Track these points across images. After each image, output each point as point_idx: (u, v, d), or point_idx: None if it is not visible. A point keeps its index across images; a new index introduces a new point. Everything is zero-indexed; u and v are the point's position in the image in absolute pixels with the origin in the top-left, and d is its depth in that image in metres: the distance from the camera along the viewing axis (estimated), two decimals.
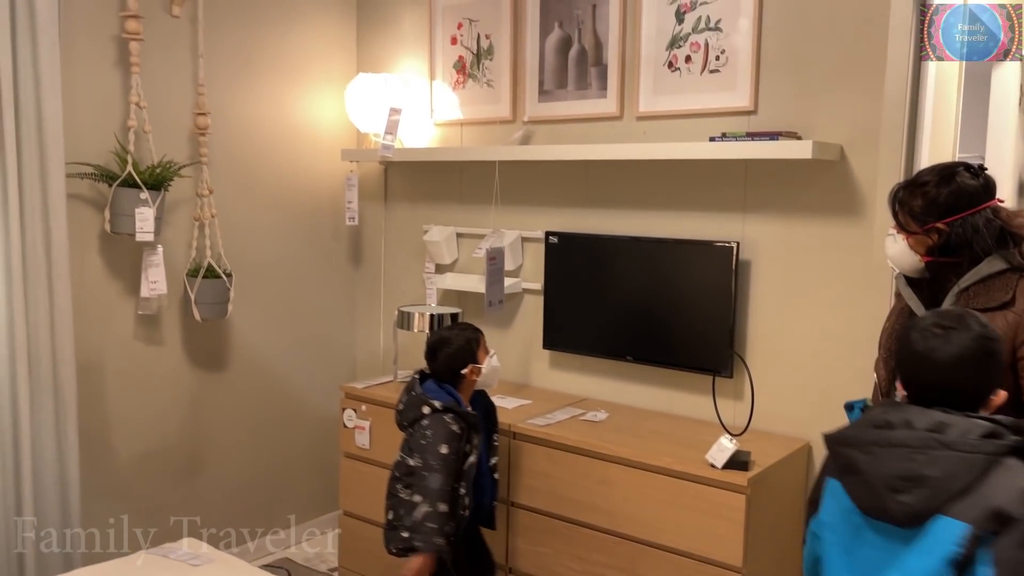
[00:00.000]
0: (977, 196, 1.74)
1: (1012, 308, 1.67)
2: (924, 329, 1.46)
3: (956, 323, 1.45)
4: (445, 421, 2.30)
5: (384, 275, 3.64)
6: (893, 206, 1.83)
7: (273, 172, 3.33)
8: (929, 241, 1.77)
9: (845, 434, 1.49)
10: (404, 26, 3.46)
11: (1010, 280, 1.70)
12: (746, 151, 2.45)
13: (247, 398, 3.33)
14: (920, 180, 1.79)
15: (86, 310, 2.76)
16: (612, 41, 2.87)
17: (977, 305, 1.70)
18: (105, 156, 2.77)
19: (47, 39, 2.48)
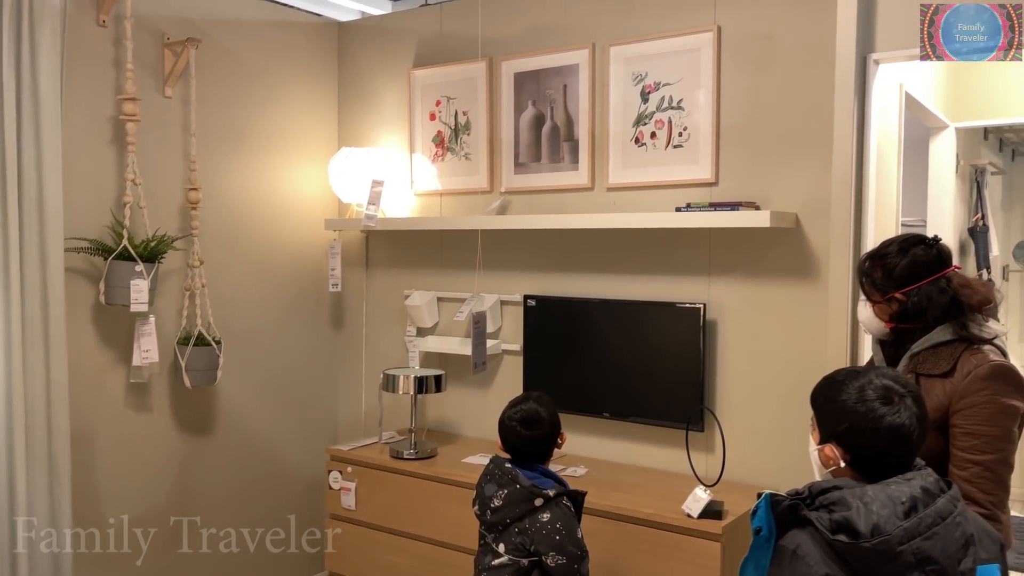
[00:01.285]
0: (930, 267, 1.85)
1: (951, 378, 1.78)
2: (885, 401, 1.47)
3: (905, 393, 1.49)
4: (564, 506, 2.12)
5: (365, 339, 3.76)
6: (860, 276, 1.97)
7: (260, 242, 3.46)
8: (891, 309, 1.89)
9: (900, 534, 1.36)
10: (384, 102, 3.66)
11: (955, 350, 1.81)
12: (709, 220, 2.66)
13: (234, 462, 3.40)
14: (880, 252, 1.92)
15: (79, 380, 2.83)
16: (582, 118, 3.09)
17: (923, 371, 1.82)
18: (100, 230, 2.88)
19: (50, 123, 2.61)
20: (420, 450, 3.15)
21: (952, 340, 1.82)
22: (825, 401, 1.56)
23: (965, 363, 1.78)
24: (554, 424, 2.22)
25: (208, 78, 3.21)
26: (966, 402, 1.76)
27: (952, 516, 1.40)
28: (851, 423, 1.48)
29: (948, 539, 1.39)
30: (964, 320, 1.82)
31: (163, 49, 3.07)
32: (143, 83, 2.99)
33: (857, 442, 1.48)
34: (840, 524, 1.38)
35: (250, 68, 3.40)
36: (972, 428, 1.75)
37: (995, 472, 1.74)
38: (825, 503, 1.43)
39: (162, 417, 3.15)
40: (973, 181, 4.10)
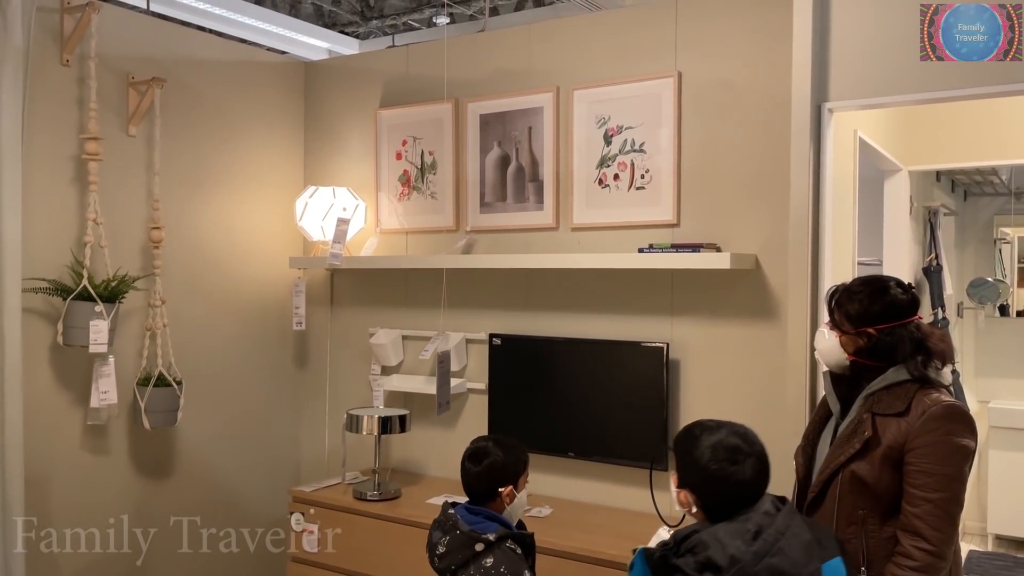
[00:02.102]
0: (905, 310, 1.92)
1: (906, 417, 1.85)
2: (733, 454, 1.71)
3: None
4: (508, 549, 2.05)
5: (329, 378, 3.74)
6: (831, 304, 2.00)
7: (224, 281, 3.44)
8: (859, 343, 1.93)
9: (751, 558, 1.59)
10: (350, 142, 3.68)
11: (909, 390, 1.87)
12: (671, 262, 2.70)
13: (194, 504, 3.33)
14: (856, 288, 1.97)
15: (35, 422, 2.77)
16: (547, 160, 3.14)
17: (879, 410, 1.89)
18: (60, 270, 2.84)
19: (10, 162, 2.59)
20: (384, 491, 3.12)
21: (907, 380, 1.88)
22: (682, 453, 1.77)
23: (919, 403, 1.84)
24: (506, 463, 2.14)
25: (173, 117, 3.21)
26: (921, 441, 1.81)
27: (790, 529, 1.64)
28: (701, 478, 1.71)
29: (793, 550, 1.62)
30: (924, 362, 1.88)
31: (127, 88, 3.06)
32: (107, 122, 2.98)
33: (706, 494, 1.71)
34: (704, 564, 1.60)
35: (216, 107, 3.40)
36: (926, 467, 1.81)
37: (946, 510, 1.80)
38: (689, 548, 1.64)
39: (120, 459, 3.08)
40: (927, 222, 4.22)
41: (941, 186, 4.76)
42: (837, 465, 1.91)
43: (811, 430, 2.07)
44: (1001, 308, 5.38)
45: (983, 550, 5.18)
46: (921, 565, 1.79)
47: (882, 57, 2.43)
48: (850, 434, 1.91)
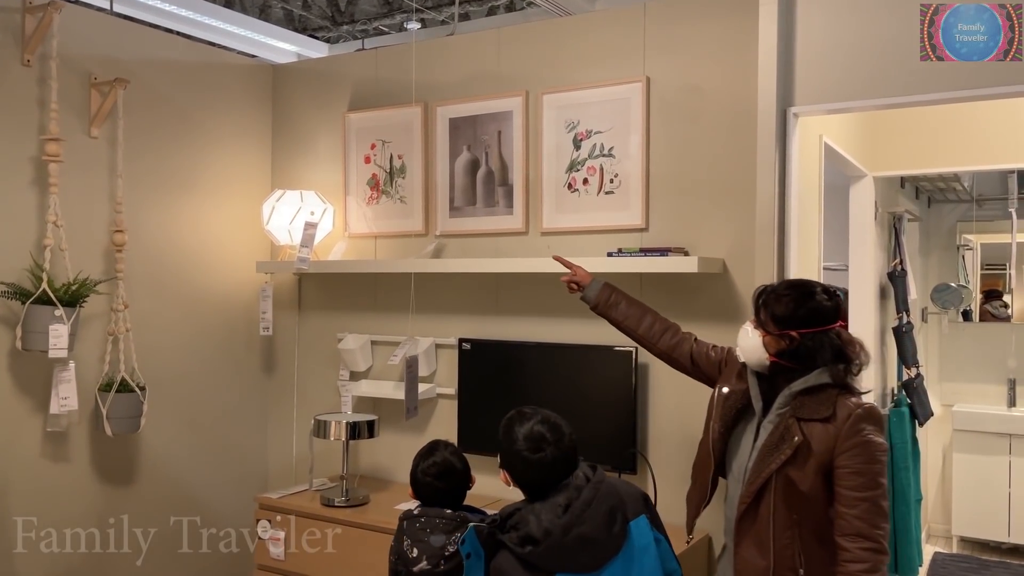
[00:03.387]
0: (829, 316, 1.97)
1: (832, 422, 1.90)
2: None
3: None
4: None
5: (297, 383, 3.69)
6: (757, 304, 2.05)
7: (188, 285, 3.39)
8: (782, 344, 1.97)
9: (559, 531, 1.90)
10: (319, 145, 3.65)
11: (831, 395, 1.93)
12: (640, 265, 2.71)
13: (158, 512, 3.27)
14: (783, 290, 2.02)
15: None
16: (516, 164, 3.13)
17: (803, 415, 1.93)
18: (19, 273, 2.78)
19: None
20: (352, 497, 3.09)
21: (828, 384, 1.94)
22: (502, 437, 2.07)
23: (843, 408, 1.91)
24: (467, 470, 2.28)
25: (137, 119, 3.16)
26: (849, 443, 1.89)
27: (595, 499, 1.93)
28: (513, 461, 2.02)
29: (596, 518, 1.91)
30: (846, 368, 1.95)
31: (90, 89, 3.01)
32: (68, 124, 2.92)
33: (517, 474, 2.02)
34: (524, 538, 1.90)
35: (181, 109, 3.35)
36: (858, 467, 1.88)
37: (880, 505, 1.89)
38: (512, 524, 1.95)
39: (81, 467, 3.02)
40: (891, 227, 4.28)
41: (906, 192, 4.84)
42: (769, 473, 1.94)
43: (727, 419, 2.09)
44: (964, 313, 5.48)
45: (948, 552, 5.25)
46: (870, 565, 1.85)
47: (847, 62, 2.46)
48: (778, 440, 1.94)
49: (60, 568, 2.65)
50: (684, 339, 2.35)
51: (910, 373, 4.18)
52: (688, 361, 2.33)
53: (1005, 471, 5.08)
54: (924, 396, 4.22)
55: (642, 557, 1.99)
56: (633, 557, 1.97)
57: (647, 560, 2.00)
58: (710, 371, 2.28)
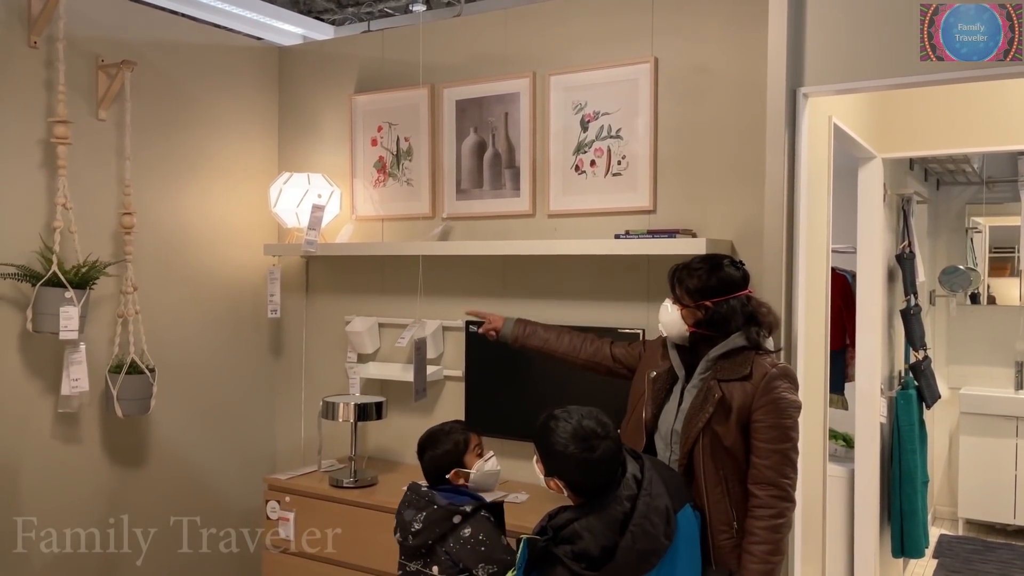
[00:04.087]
0: (737, 284, 2.16)
1: (750, 380, 2.08)
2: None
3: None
4: (484, 518, 2.18)
5: (305, 366, 3.71)
6: (672, 281, 2.22)
7: (197, 268, 3.40)
8: (698, 315, 2.15)
9: (625, 552, 1.85)
10: (325, 128, 3.64)
11: (748, 356, 2.11)
12: (647, 247, 2.71)
13: (168, 493, 3.30)
14: (695, 265, 2.19)
15: (4, 410, 2.73)
16: (523, 146, 3.12)
17: (723, 376, 2.10)
18: (29, 256, 2.79)
19: None
20: (360, 478, 3.11)
21: (744, 347, 2.12)
22: (544, 444, 1.96)
23: (759, 367, 2.09)
24: (444, 453, 2.32)
25: (144, 101, 3.16)
26: (765, 399, 2.06)
27: (651, 506, 1.87)
28: (565, 466, 1.92)
29: (654, 529, 1.85)
30: (758, 331, 2.13)
31: (97, 71, 3.01)
32: (76, 106, 2.92)
33: (571, 478, 1.93)
34: (579, 554, 1.83)
35: (188, 92, 3.35)
36: (773, 422, 2.06)
37: (790, 458, 2.08)
38: (564, 538, 1.86)
39: (92, 448, 3.04)
40: (900, 209, 4.26)
41: (914, 174, 4.81)
42: (697, 432, 2.10)
43: (659, 399, 2.25)
44: (972, 296, 5.46)
45: (954, 534, 5.26)
46: (777, 511, 2.04)
47: (858, 41, 2.44)
48: (702, 401, 2.11)
49: (60, 568, 2.63)
50: (602, 343, 2.56)
51: (917, 356, 4.17)
52: (611, 360, 2.51)
53: (1012, 454, 5.09)
54: (932, 379, 4.22)
55: (688, 547, 1.99)
56: (679, 548, 1.95)
57: (692, 549, 2.02)
58: (631, 363, 2.46)
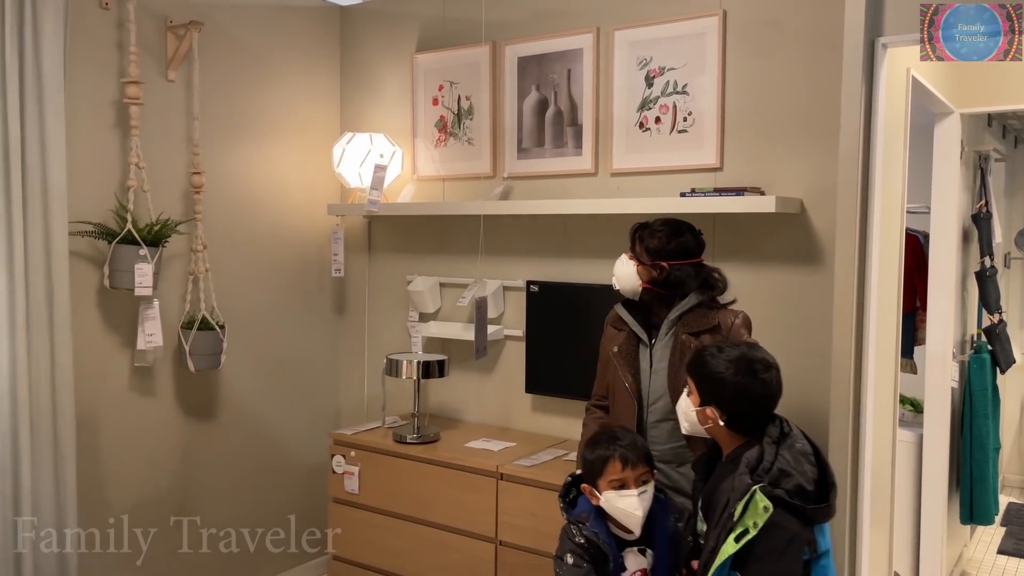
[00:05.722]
0: (692, 252, 2.29)
1: (720, 331, 2.24)
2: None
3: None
4: (568, 530, 2.09)
5: (368, 324, 3.76)
6: (633, 237, 2.32)
7: (263, 227, 3.46)
8: (653, 274, 2.27)
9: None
10: (386, 87, 3.64)
11: (710, 311, 2.27)
12: (715, 205, 2.65)
13: (237, 446, 3.41)
14: (657, 227, 2.30)
15: (84, 364, 2.83)
16: (586, 103, 3.08)
17: (692, 329, 2.24)
18: (104, 214, 2.87)
19: (54, 106, 2.60)
20: (423, 434, 3.16)
21: (700, 304, 2.27)
22: (707, 373, 1.92)
23: (724, 317, 2.26)
24: (587, 461, 2.13)
25: (210, 62, 3.20)
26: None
27: (816, 447, 1.87)
28: (731, 393, 1.87)
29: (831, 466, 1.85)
30: (712, 294, 2.29)
31: (166, 32, 3.05)
32: (146, 67, 2.97)
33: (735, 407, 1.88)
34: (794, 491, 1.76)
35: (252, 52, 3.38)
36: None
37: None
38: (772, 480, 1.77)
39: (166, 401, 3.15)
40: (977, 168, 4.08)
41: (992, 131, 4.59)
42: (683, 385, 2.12)
43: (633, 365, 2.34)
44: None
45: (1023, 502, 5.13)
46: None
47: None
48: (680, 356, 2.22)
49: (60, 568, 2.64)
50: (592, 410, 2.54)
51: (992, 319, 4.03)
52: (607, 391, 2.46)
53: None
54: (1006, 343, 4.07)
55: None
56: None
57: None
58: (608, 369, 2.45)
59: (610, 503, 2.03)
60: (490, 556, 2.88)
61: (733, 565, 1.75)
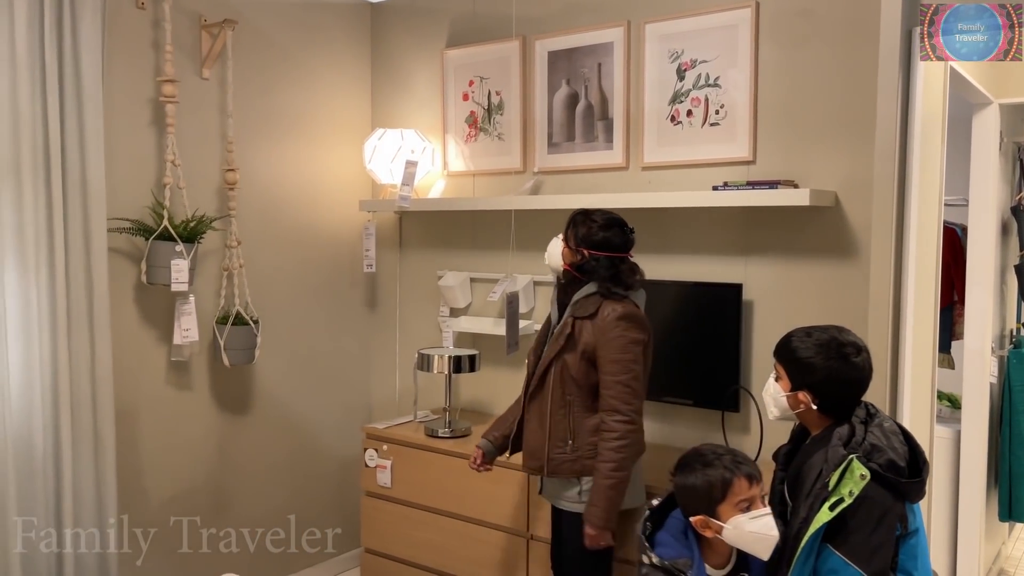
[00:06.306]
0: (616, 247, 2.41)
1: (595, 320, 2.36)
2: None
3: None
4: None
5: (399, 319, 3.79)
6: (569, 222, 2.46)
7: (296, 223, 3.49)
8: (575, 258, 2.43)
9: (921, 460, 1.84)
10: (417, 84, 3.65)
11: (598, 300, 2.38)
12: (747, 199, 2.63)
13: (271, 440, 3.45)
14: (594, 217, 2.43)
15: (122, 358, 2.89)
16: (617, 97, 3.07)
17: (579, 314, 2.39)
18: (141, 211, 2.92)
19: (92, 105, 2.65)
20: (455, 429, 3.17)
21: (594, 293, 2.40)
22: (796, 358, 1.90)
23: (604, 309, 2.36)
24: (694, 487, 1.88)
25: (244, 60, 3.24)
26: (606, 337, 2.33)
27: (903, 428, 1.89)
28: (824, 376, 1.85)
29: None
30: (609, 286, 2.39)
31: (200, 31, 3.09)
32: (181, 65, 3.02)
33: (827, 391, 1.86)
34: (887, 465, 1.76)
35: (285, 49, 3.41)
36: (614, 356, 2.33)
37: (632, 388, 2.34)
38: (865, 454, 1.77)
39: (202, 395, 3.20)
40: (1016, 159, 4.00)
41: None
42: (550, 358, 2.42)
43: (541, 336, 2.58)
44: None
45: None
46: (620, 434, 2.31)
47: None
48: (559, 334, 2.42)
49: (61, 568, 2.64)
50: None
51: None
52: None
53: None
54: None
55: None
56: None
57: None
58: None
59: (740, 528, 1.77)
60: (522, 550, 2.89)
61: (824, 538, 1.75)
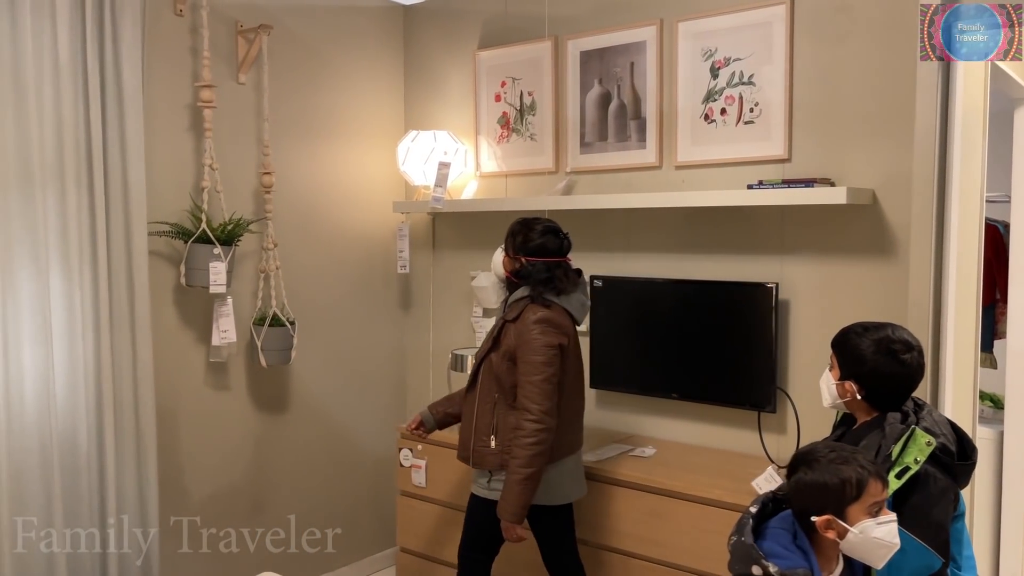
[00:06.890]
0: (551, 253, 2.54)
1: (516, 323, 2.49)
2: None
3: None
4: None
5: (433, 319, 3.81)
6: (509, 233, 2.60)
7: (330, 225, 3.53)
8: (514, 265, 2.58)
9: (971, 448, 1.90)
10: (450, 85, 3.67)
11: (524, 304, 2.51)
12: (784, 198, 2.60)
13: (307, 439, 3.49)
14: (533, 225, 2.57)
15: (163, 359, 2.94)
16: (650, 96, 3.05)
17: (508, 317, 2.53)
18: (180, 214, 2.97)
19: (133, 110, 2.71)
20: None
21: (525, 297, 2.53)
22: (848, 349, 1.95)
23: (527, 312, 2.49)
24: (818, 485, 1.68)
25: (279, 64, 3.28)
26: (523, 339, 2.46)
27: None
28: (870, 369, 1.90)
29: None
30: (541, 290, 2.51)
31: (236, 36, 3.14)
32: (218, 70, 3.06)
33: (875, 383, 1.91)
34: (940, 449, 1.81)
35: (319, 53, 3.45)
36: (528, 358, 2.45)
37: (543, 389, 2.43)
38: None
39: (240, 395, 3.25)
40: None
41: None
42: (480, 358, 2.61)
43: (486, 346, 2.65)
44: None
45: None
46: (528, 432, 2.41)
47: None
48: (489, 334, 2.60)
49: (61, 567, 2.61)
50: None
51: None
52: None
53: None
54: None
55: None
56: None
57: None
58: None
59: (866, 534, 1.62)
60: None
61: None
